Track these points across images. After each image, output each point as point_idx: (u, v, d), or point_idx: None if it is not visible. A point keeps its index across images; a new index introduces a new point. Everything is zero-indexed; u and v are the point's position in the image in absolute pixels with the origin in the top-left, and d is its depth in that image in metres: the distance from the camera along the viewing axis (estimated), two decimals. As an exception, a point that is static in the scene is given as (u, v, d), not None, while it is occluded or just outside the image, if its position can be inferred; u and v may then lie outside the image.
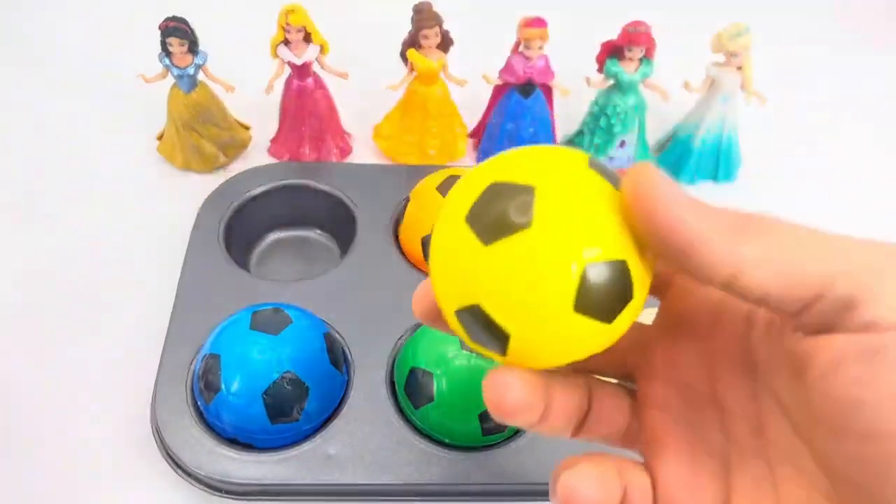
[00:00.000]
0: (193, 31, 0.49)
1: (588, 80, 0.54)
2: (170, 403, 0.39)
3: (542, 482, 0.38)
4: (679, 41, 0.55)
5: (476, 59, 0.52)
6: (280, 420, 0.37)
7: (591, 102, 0.56)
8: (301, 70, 0.52)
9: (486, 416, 0.37)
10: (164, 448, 0.38)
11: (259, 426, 0.37)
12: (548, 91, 0.55)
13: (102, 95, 0.62)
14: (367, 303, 0.44)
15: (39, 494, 0.38)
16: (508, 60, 0.52)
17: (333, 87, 0.54)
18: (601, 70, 0.53)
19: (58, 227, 0.51)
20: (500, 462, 0.38)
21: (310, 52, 0.50)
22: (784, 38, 0.69)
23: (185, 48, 0.49)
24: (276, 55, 0.51)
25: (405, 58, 0.52)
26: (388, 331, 0.43)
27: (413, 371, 0.39)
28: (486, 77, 0.54)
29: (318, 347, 0.39)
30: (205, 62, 0.51)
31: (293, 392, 0.37)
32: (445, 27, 0.51)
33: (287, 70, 0.52)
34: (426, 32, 0.50)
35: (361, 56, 0.57)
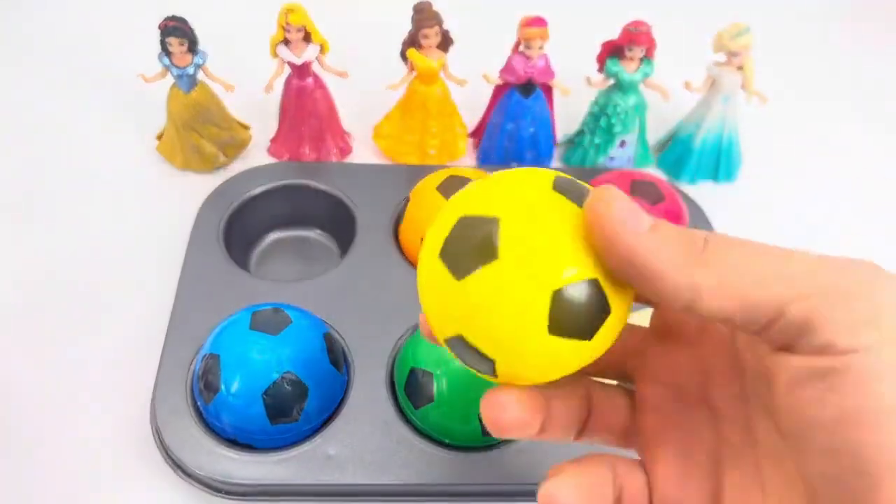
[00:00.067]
0: (193, 31, 0.49)
1: (588, 80, 0.54)
2: (169, 404, 0.39)
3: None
4: (680, 41, 0.55)
5: (476, 59, 0.52)
6: (280, 420, 0.37)
7: (592, 102, 0.56)
8: (301, 69, 0.52)
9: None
10: (164, 448, 0.38)
11: (259, 426, 0.37)
12: (548, 91, 0.55)
13: (102, 95, 0.62)
14: (367, 303, 0.44)
15: (39, 494, 0.38)
16: (509, 60, 0.52)
17: (333, 87, 0.54)
18: (602, 70, 0.53)
19: (58, 227, 0.51)
20: (500, 462, 0.38)
21: (309, 52, 0.50)
22: (785, 38, 0.69)
23: (185, 48, 0.49)
24: (276, 55, 0.51)
25: (405, 57, 0.52)
26: (388, 331, 0.43)
27: (413, 371, 0.38)
28: (487, 77, 0.54)
29: (318, 347, 0.39)
30: (205, 62, 0.51)
31: (293, 392, 0.37)
32: (445, 27, 0.51)
33: (287, 69, 0.52)
34: (426, 32, 0.50)
35: (361, 56, 0.57)
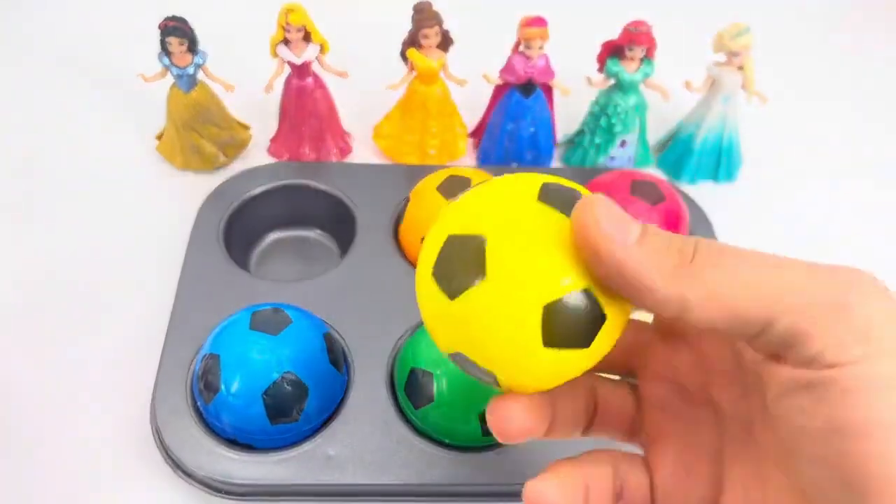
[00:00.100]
0: (193, 31, 0.49)
1: (589, 80, 0.54)
2: (169, 404, 0.39)
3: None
4: (680, 41, 0.55)
5: (476, 59, 0.52)
6: (280, 420, 0.37)
7: (592, 102, 0.56)
8: (301, 69, 0.52)
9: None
10: (164, 448, 0.38)
11: (259, 426, 0.37)
12: (548, 91, 0.55)
13: (102, 95, 0.62)
14: (367, 303, 0.44)
15: (39, 494, 0.38)
16: (509, 60, 0.52)
17: (333, 87, 0.54)
18: (602, 70, 0.53)
19: (57, 227, 0.51)
20: (500, 462, 0.38)
21: (309, 52, 0.50)
22: (785, 38, 0.69)
23: (185, 48, 0.49)
24: (276, 54, 0.51)
25: (405, 57, 0.52)
26: (388, 331, 0.43)
27: (413, 371, 0.38)
28: (487, 77, 0.54)
29: (318, 347, 0.39)
30: (204, 62, 0.51)
31: (293, 392, 0.37)
32: (445, 26, 0.51)
33: (287, 69, 0.52)
34: (426, 32, 0.50)
35: (361, 56, 0.57)
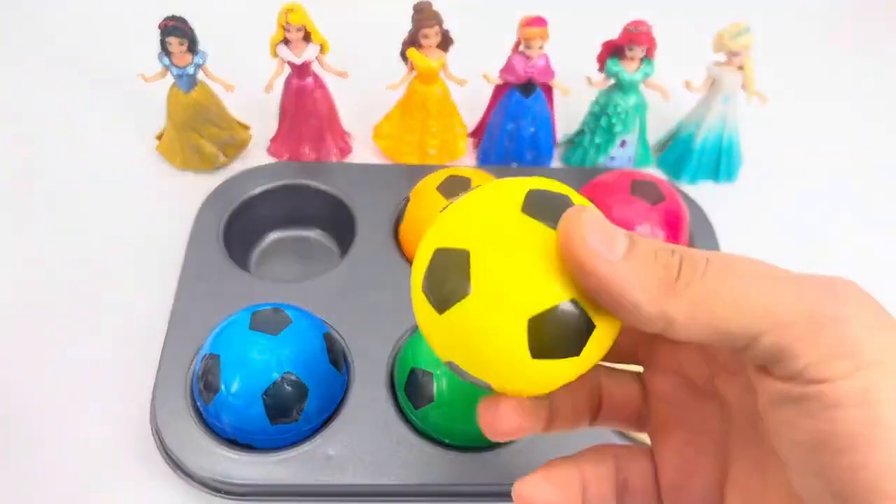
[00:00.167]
0: (193, 31, 0.49)
1: (589, 80, 0.54)
2: (169, 404, 0.39)
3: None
4: (680, 41, 0.55)
5: (476, 59, 0.52)
6: (280, 421, 0.37)
7: (592, 102, 0.56)
8: (301, 69, 0.52)
9: (487, 417, 0.37)
10: (164, 448, 0.38)
11: (259, 427, 0.37)
12: (548, 90, 0.55)
13: (102, 95, 0.62)
14: (367, 303, 0.44)
15: (39, 495, 0.38)
16: (509, 60, 0.52)
17: (333, 87, 0.54)
18: (602, 69, 0.53)
19: (57, 227, 0.51)
20: (500, 462, 0.38)
21: (309, 52, 0.50)
22: (785, 38, 0.69)
23: (185, 47, 0.49)
24: (276, 54, 0.51)
25: (405, 57, 0.52)
26: (388, 331, 0.43)
27: (413, 371, 0.38)
28: (487, 76, 0.54)
29: (318, 347, 0.39)
30: (204, 62, 0.51)
31: (293, 392, 0.37)
32: (445, 26, 0.51)
33: (287, 69, 0.52)
34: (426, 32, 0.50)
35: (361, 56, 0.57)
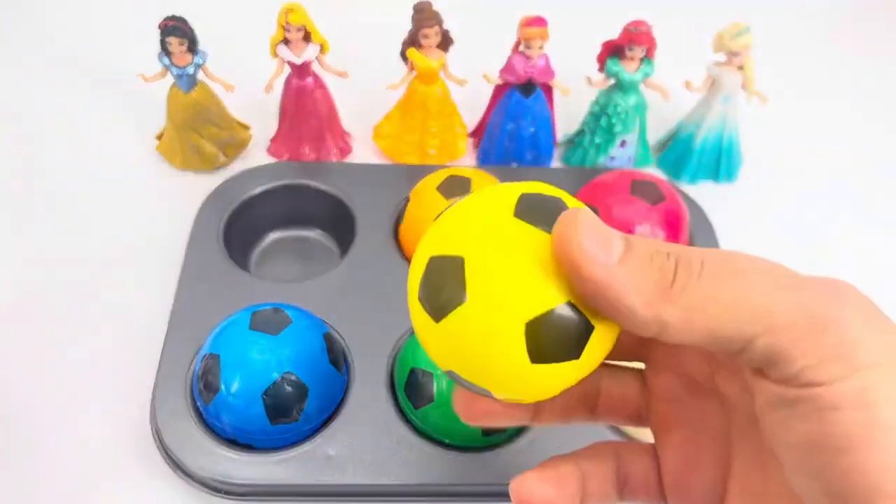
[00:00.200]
0: (193, 31, 0.49)
1: (589, 80, 0.54)
2: (169, 404, 0.39)
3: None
4: (680, 41, 0.55)
5: (476, 59, 0.52)
6: (280, 421, 0.37)
7: (592, 102, 0.56)
8: (301, 69, 0.52)
9: (487, 417, 0.37)
10: (164, 448, 0.38)
11: (259, 427, 0.37)
12: (548, 90, 0.55)
13: (102, 95, 0.62)
14: (367, 303, 0.44)
15: (39, 495, 0.38)
16: (509, 60, 0.52)
17: (333, 87, 0.54)
18: (602, 69, 0.53)
19: (57, 227, 0.51)
20: (500, 462, 0.38)
21: (309, 52, 0.50)
22: (785, 38, 0.69)
23: (185, 47, 0.49)
24: (276, 54, 0.51)
25: (405, 57, 0.52)
26: (388, 331, 0.43)
27: (413, 371, 0.38)
28: (487, 76, 0.54)
29: (318, 347, 0.39)
30: (204, 62, 0.51)
31: (293, 392, 0.37)
32: (445, 26, 0.51)
33: (287, 69, 0.52)
34: (426, 32, 0.50)
35: (361, 56, 0.57)
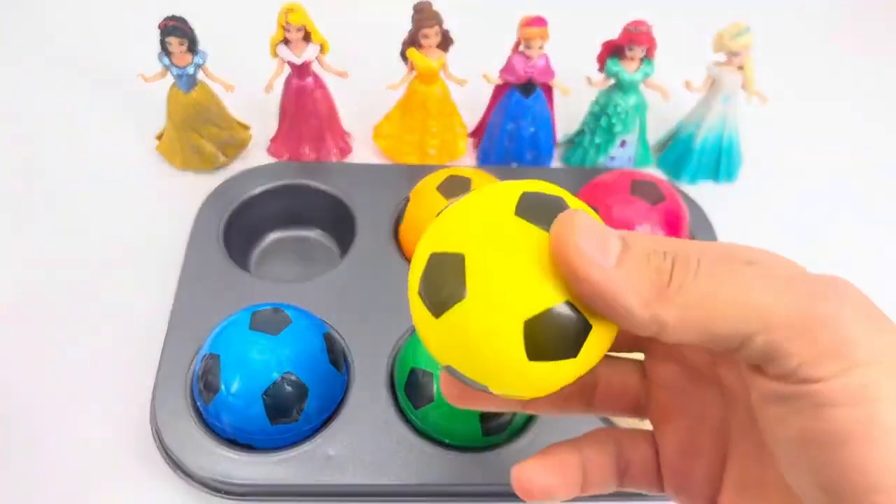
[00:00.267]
0: (193, 31, 0.49)
1: (589, 80, 0.54)
2: (169, 404, 0.39)
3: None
4: (680, 41, 0.55)
5: (476, 59, 0.52)
6: (280, 421, 0.37)
7: (592, 102, 0.56)
8: (301, 69, 0.52)
9: (487, 417, 0.37)
10: (164, 448, 0.38)
11: (259, 427, 0.37)
12: (548, 90, 0.55)
13: (102, 95, 0.62)
14: (367, 303, 0.44)
15: (39, 494, 0.38)
16: (509, 60, 0.52)
17: (333, 87, 0.54)
18: (602, 69, 0.53)
19: (57, 227, 0.51)
20: (500, 462, 0.38)
21: (309, 52, 0.50)
22: (785, 38, 0.69)
23: (185, 47, 0.49)
24: (276, 54, 0.51)
25: (405, 57, 0.52)
26: (388, 331, 0.43)
27: (413, 371, 0.38)
28: (487, 76, 0.54)
29: (318, 348, 0.39)
30: (204, 62, 0.51)
31: (293, 392, 0.37)
32: (445, 26, 0.51)
33: (287, 69, 0.52)
34: (426, 32, 0.50)
35: (361, 56, 0.57)
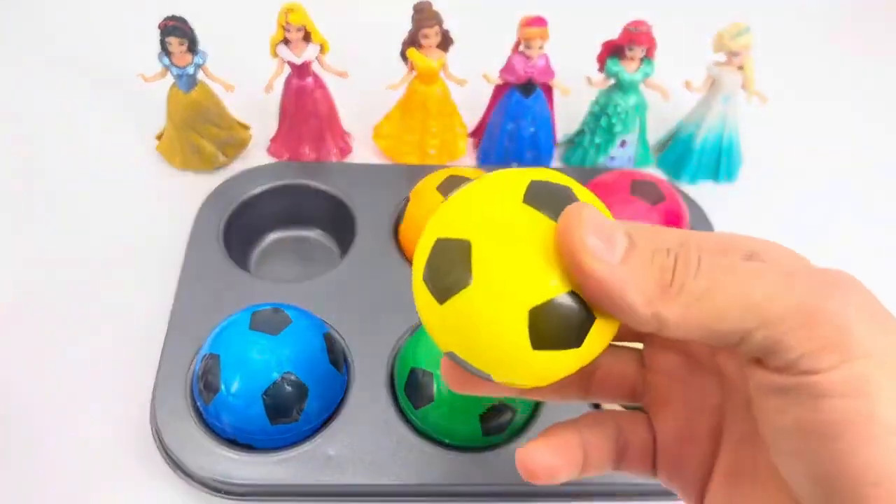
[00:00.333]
0: (193, 31, 0.49)
1: (589, 80, 0.54)
2: (169, 404, 0.39)
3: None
4: (680, 41, 0.55)
5: (476, 59, 0.52)
6: (280, 421, 0.37)
7: (592, 102, 0.56)
8: (301, 69, 0.52)
9: (487, 417, 0.37)
10: (164, 449, 0.38)
11: (259, 427, 0.37)
12: (548, 90, 0.55)
13: (102, 95, 0.62)
14: (367, 303, 0.44)
15: (39, 494, 0.38)
16: (509, 60, 0.52)
17: (333, 87, 0.54)
18: (602, 69, 0.53)
19: (57, 227, 0.51)
20: (500, 462, 0.38)
21: (309, 52, 0.50)
22: (785, 38, 0.69)
23: (185, 47, 0.49)
24: (276, 54, 0.51)
25: (405, 57, 0.52)
26: (388, 331, 0.43)
27: (413, 371, 0.38)
28: (487, 76, 0.54)
29: (318, 347, 0.39)
30: (204, 62, 0.51)
31: (293, 392, 0.37)
32: (445, 26, 0.51)
33: (287, 69, 0.52)
34: (426, 32, 0.50)
35: (361, 56, 0.57)
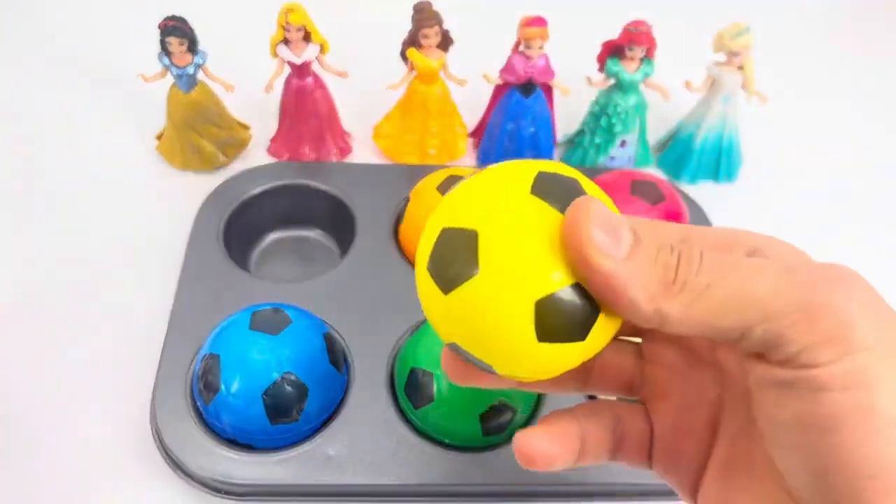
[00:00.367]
0: (193, 31, 0.49)
1: (589, 80, 0.54)
2: (169, 404, 0.39)
3: (543, 483, 0.38)
4: (680, 41, 0.55)
5: (476, 59, 0.52)
6: (280, 421, 0.37)
7: (592, 102, 0.56)
8: (301, 69, 0.52)
9: (487, 417, 0.37)
10: (164, 448, 0.38)
11: (259, 427, 0.37)
12: (548, 90, 0.55)
13: (102, 95, 0.62)
14: (367, 303, 0.44)
15: (39, 495, 0.38)
16: (509, 60, 0.52)
17: (333, 87, 0.54)
18: (602, 69, 0.53)
19: (57, 227, 0.51)
20: (500, 462, 0.38)
21: (309, 52, 0.50)
22: (785, 38, 0.69)
23: (185, 47, 0.49)
24: (276, 54, 0.51)
25: (405, 57, 0.52)
26: (388, 331, 0.43)
27: (413, 371, 0.38)
28: (487, 76, 0.54)
29: (318, 348, 0.39)
30: (204, 62, 0.51)
31: (293, 392, 0.37)
32: (445, 26, 0.51)
33: (287, 69, 0.52)
34: (426, 32, 0.50)
35: (361, 56, 0.57)
